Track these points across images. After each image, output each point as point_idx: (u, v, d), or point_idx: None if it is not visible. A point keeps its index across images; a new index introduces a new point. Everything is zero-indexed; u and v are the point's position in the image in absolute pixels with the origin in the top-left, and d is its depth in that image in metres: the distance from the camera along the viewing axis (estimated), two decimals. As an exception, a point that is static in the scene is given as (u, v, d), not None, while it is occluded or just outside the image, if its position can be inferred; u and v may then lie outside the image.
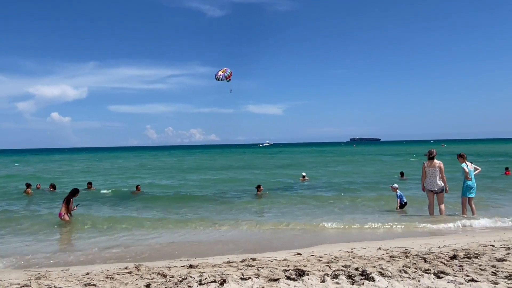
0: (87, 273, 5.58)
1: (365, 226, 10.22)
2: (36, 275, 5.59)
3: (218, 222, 11.02)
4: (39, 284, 4.94)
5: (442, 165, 10.84)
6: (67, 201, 11.62)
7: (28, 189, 18.31)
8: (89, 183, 19.75)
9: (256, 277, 4.93)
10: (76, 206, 11.98)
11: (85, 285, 4.82)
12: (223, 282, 4.67)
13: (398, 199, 12.86)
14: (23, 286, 4.87)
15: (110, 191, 18.84)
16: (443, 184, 10.79)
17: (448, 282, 4.69)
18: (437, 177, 10.78)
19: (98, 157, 78.02)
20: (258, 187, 16.84)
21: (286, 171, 31.23)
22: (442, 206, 10.89)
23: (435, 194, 10.92)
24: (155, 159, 64.18)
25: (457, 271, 5.18)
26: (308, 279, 4.83)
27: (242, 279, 4.85)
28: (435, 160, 10.88)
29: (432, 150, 11.09)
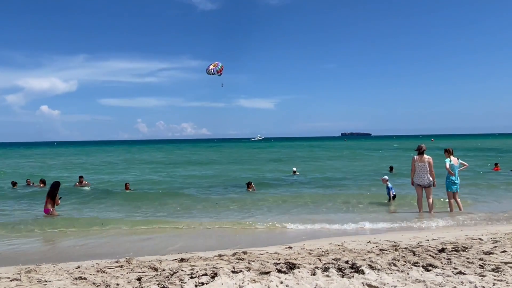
0: (78, 267, 5.56)
1: (355, 220, 10.30)
2: (26, 269, 5.56)
3: (206, 219, 10.99)
4: (30, 277, 4.91)
5: (431, 160, 10.96)
6: (52, 196, 11.43)
7: (15, 186, 18.23)
8: (81, 177, 19.54)
9: (247, 270, 4.96)
10: (60, 198, 11.81)
11: (76, 278, 4.80)
12: (214, 275, 4.69)
13: (390, 191, 13.05)
14: (13, 279, 4.84)
15: (90, 188, 18.53)
16: (431, 179, 10.92)
17: (437, 275, 4.76)
18: (426, 172, 10.91)
19: (87, 151, 77.33)
20: (249, 184, 16.77)
21: (277, 166, 31.29)
22: (431, 200, 11.03)
23: (423, 188, 11.05)
24: (145, 153, 63.80)
25: (445, 264, 5.26)
26: (299, 272, 4.87)
27: (233, 272, 4.88)
28: (425, 155, 11.00)
29: (422, 145, 11.20)
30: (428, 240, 7.04)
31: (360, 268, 4.96)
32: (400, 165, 26.04)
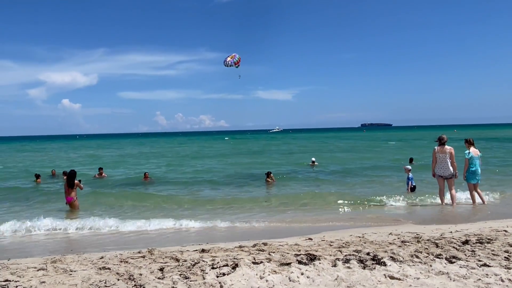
0: (102, 257, 5.67)
1: (376, 211, 10.23)
2: (51, 259, 5.70)
3: (226, 210, 11.07)
4: (55, 267, 5.03)
5: (453, 151, 10.74)
6: (70, 184, 11.54)
7: (38, 179, 18.60)
8: (100, 169, 19.89)
9: (267, 261, 4.98)
10: (79, 181, 11.93)
11: (100, 268, 4.90)
12: (235, 266, 4.72)
13: (410, 181, 12.92)
14: (39, 269, 4.97)
15: (108, 179, 18.83)
16: (453, 170, 10.71)
17: (460, 267, 4.68)
18: (448, 163, 10.70)
19: (107, 143, 78.53)
20: (268, 174, 16.80)
21: (295, 157, 31.23)
22: (453, 192, 10.82)
23: (445, 180, 10.85)
24: (167, 146, 64.40)
25: (469, 256, 5.17)
26: (320, 263, 4.86)
27: (254, 263, 4.90)
28: (446, 146, 10.78)
29: (443, 135, 10.97)
30: (451, 232, 6.92)
31: (381, 260, 4.92)
32: (421, 156, 25.63)
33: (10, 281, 4.42)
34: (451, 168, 10.70)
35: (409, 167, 13.46)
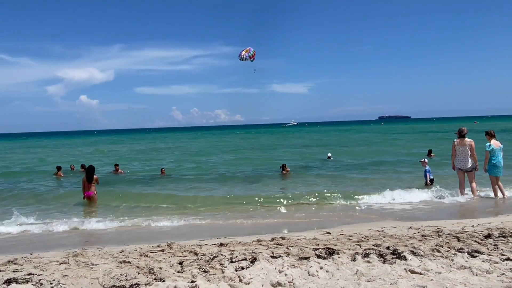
0: (122, 251, 5.75)
1: (394, 205, 10.11)
2: (73, 253, 5.79)
3: (243, 203, 11.07)
4: (77, 261, 5.12)
5: (473, 143, 10.52)
6: (89, 179, 11.72)
7: (59, 172, 18.92)
8: (116, 165, 20.07)
9: (286, 256, 4.97)
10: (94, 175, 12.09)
11: (121, 262, 4.96)
12: (253, 260, 4.73)
13: (428, 174, 12.74)
14: (61, 263, 5.06)
15: (125, 175, 18.96)
16: (473, 163, 10.50)
17: (483, 261, 4.59)
18: (468, 156, 10.49)
19: (123, 139, 79.47)
20: (283, 166, 16.74)
21: (311, 151, 31.05)
22: (473, 185, 10.61)
23: (465, 173, 10.64)
24: (183, 140, 64.82)
25: (492, 250, 5.07)
26: (339, 257, 4.83)
27: (272, 257, 4.89)
28: (466, 138, 10.56)
29: (463, 128, 10.76)
30: (472, 226, 6.80)
31: (402, 254, 4.86)
32: (439, 149, 25.18)
33: (33, 274, 4.52)
34: (471, 161, 10.50)
35: (426, 160, 13.27)
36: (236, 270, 4.44)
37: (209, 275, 4.32)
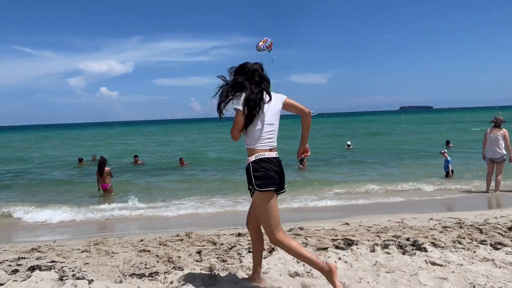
0: (141, 240, 5.83)
1: (414, 196, 9.98)
2: (94, 241, 5.90)
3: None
4: (98, 249, 5.21)
5: (507, 134, 10.09)
6: (101, 172, 11.91)
7: (82, 162, 19.44)
8: (136, 156, 20.30)
9: (304, 246, 4.95)
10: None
11: (140, 251, 5.03)
12: (271, 250, 4.72)
13: (449, 165, 12.54)
14: (83, 251, 5.16)
15: (144, 166, 19.17)
16: (504, 153, 10.09)
17: (506, 254, 4.48)
18: (500, 146, 10.11)
19: (142, 130, 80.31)
20: (301, 160, 16.60)
21: (330, 141, 30.85)
22: (499, 177, 10.27)
23: (495, 164, 10.27)
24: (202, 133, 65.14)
25: (516, 242, 4.94)
26: (357, 248, 4.79)
27: (290, 247, 4.87)
28: (501, 128, 10.18)
29: (499, 117, 10.40)
30: (496, 218, 6.64)
31: (422, 246, 4.78)
32: (459, 139, 24.70)
33: (56, 262, 4.62)
34: (503, 151, 10.08)
35: (446, 151, 13.06)
36: (254, 260, 4.44)
37: (227, 264, 4.34)
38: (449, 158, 12.67)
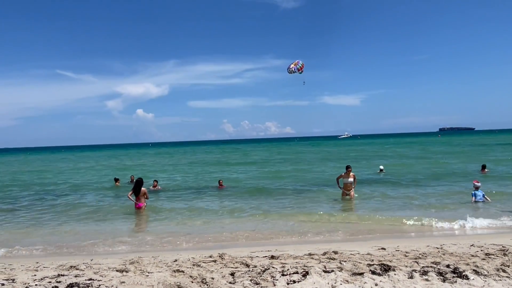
0: (175, 260, 5.88)
1: (453, 223, 9.60)
2: (130, 260, 6.00)
3: (292, 217, 10.97)
4: (133, 268, 5.30)
5: None
6: (136, 192, 12.21)
7: (117, 182, 20.02)
8: (155, 181, 20.08)
9: (339, 270, 4.85)
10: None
11: (174, 271, 5.08)
12: (305, 274, 4.66)
13: (473, 198, 11.87)
14: (119, 270, 5.25)
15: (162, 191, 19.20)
16: None
17: (556, 284, 4.23)
18: None
19: (176, 151, 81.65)
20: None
21: (363, 164, 30.27)
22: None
23: None
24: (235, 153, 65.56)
25: None
26: (395, 274, 4.64)
27: (324, 271, 4.80)
28: None
29: None
30: (543, 245, 6.29)
31: (463, 273, 4.59)
32: (496, 164, 23.48)
33: (93, 280, 4.72)
34: None
35: (479, 184, 12.28)
36: (287, 284, 4.39)
37: (261, 287, 4.31)
38: (478, 192, 11.94)
